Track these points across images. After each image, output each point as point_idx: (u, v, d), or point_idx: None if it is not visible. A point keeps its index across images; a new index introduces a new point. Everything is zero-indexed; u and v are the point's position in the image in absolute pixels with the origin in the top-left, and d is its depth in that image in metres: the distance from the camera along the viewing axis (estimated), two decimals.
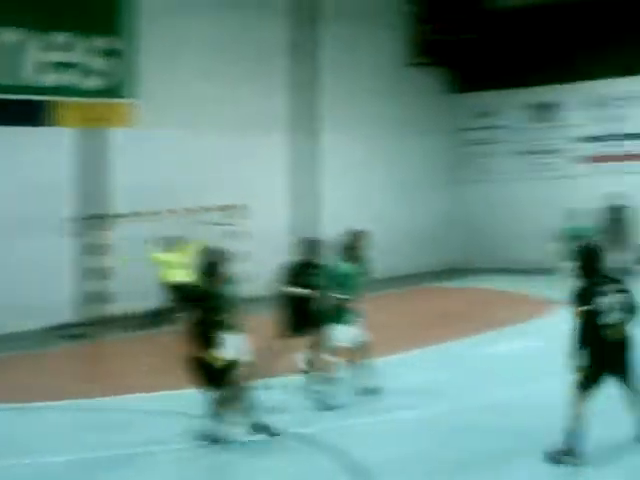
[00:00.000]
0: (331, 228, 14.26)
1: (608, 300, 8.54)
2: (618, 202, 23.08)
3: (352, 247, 11.64)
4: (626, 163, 25.57)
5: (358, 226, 12.16)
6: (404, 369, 13.21)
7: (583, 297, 8.61)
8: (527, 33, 26.68)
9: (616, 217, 23.12)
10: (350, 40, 24.85)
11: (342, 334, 11.16)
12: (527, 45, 26.70)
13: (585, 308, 8.52)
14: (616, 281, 8.79)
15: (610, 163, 25.85)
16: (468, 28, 26.57)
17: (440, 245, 27.07)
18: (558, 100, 26.67)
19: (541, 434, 9.10)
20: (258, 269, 15.09)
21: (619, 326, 8.58)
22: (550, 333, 15.60)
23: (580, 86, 26.05)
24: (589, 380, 8.59)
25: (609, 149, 25.96)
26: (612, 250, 20.09)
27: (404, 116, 26.60)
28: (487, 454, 8.94)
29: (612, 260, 17.69)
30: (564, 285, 19.52)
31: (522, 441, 9.22)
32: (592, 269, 8.77)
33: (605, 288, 8.59)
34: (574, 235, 19.57)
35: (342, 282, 11.27)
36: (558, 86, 26.42)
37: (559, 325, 15.78)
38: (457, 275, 25.78)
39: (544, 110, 27.07)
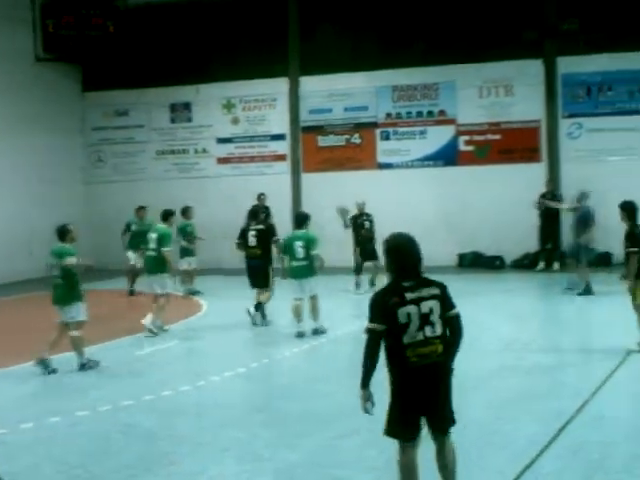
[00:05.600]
0: None
1: (410, 311, 6.31)
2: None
3: None
4: (267, 163, 26.39)
5: None
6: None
7: (379, 307, 6.38)
8: (162, 31, 26.54)
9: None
10: None
11: None
12: (162, 43, 26.58)
13: (372, 326, 6.38)
14: (428, 283, 6.49)
15: (249, 163, 26.54)
16: (97, 24, 25.93)
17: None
18: (194, 100, 26.90)
19: (195, 437, 9.07)
20: None
21: (429, 345, 6.31)
22: (199, 334, 15.69)
23: (217, 86, 26.47)
24: (396, 425, 6.42)
25: (247, 150, 26.60)
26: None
27: (32, 113, 25.43)
28: (144, 459, 8.51)
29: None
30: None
31: (176, 443, 8.97)
32: (399, 268, 6.49)
33: (410, 294, 6.34)
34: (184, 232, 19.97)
35: None
36: (192, 86, 26.68)
37: (208, 325, 16.34)
38: (93, 277, 24.99)
39: (181, 110, 27.16)
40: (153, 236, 15.86)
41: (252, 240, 16.07)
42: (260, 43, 25.94)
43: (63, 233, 12.81)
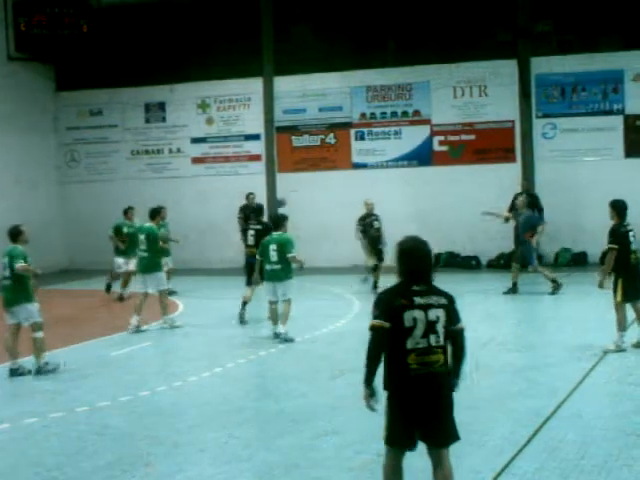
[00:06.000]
0: None
1: (417, 316, 6.13)
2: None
3: None
4: (242, 163, 26.34)
5: None
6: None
7: (385, 306, 6.18)
8: (137, 30, 26.42)
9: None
10: None
11: None
12: (137, 43, 26.46)
13: (378, 322, 6.14)
14: (437, 292, 6.33)
15: (224, 163, 26.46)
16: (71, 23, 25.77)
17: (45, 246, 26.06)
18: (169, 100, 26.78)
19: (172, 438, 9.05)
20: None
21: (433, 354, 6.14)
22: (174, 334, 15.66)
23: (189, 86, 26.39)
24: (393, 433, 6.24)
25: (222, 150, 26.53)
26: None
27: (5, 112, 25.32)
28: (121, 460, 8.43)
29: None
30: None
31: (152, 444, 8.92)
32: (411, 271, 6.28)
33: (419, 299, 6.16)
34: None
35: None
36: (166, 86, 26.58)
37: (184, 325, 16.27)
38: (67, 278, 24.96)
39: (155, 110, 27.04)
40: (142, 237, 16.22)
41: (251, 239, 16.35)
42: (234, 43, 25.89)
43: (15, 234, 12.53)
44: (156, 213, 16.60)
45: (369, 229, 19.76)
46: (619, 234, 12.53)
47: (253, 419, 9.79)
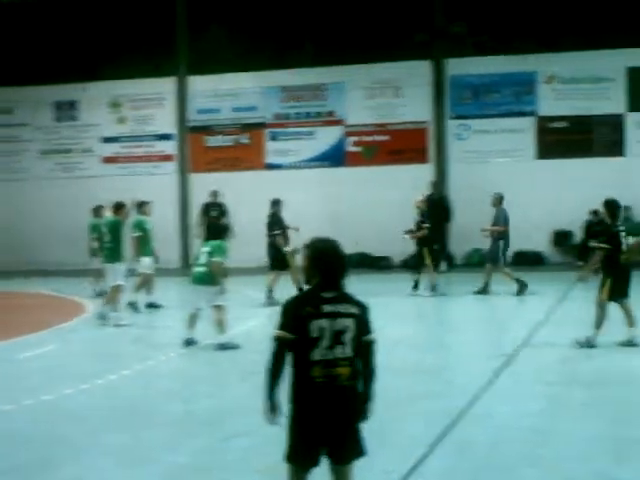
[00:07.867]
0: None
1: (324, 325, 5.62)
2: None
3: None
4: (154, 163, 26.02)
5: None
6: None
7: (291, 315, 5.71)
8: (48, 27, 25.99)
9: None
10: None
11: None
12: (48, 40, 26.03)
13: (281, 333, 5.67)
14: (348, 300, 5.77)
15: (136, 163, 26.13)
16: None
17: None
18: (80, 99, 26.37)
19: (77, 442, 8.88)
20: None
21: (339, 367, 5.65)
22: (84, 335, 15.39)
23: (102, 85, 26.03)
24: (295, 449, 5.77)
25: (134, 149, 26.21)
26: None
27: None
28: (24, 465, 8.17)
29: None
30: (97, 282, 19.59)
31: (57, 448, 8.69)
32: (325, 277, 5.76)
33: (327, 307, 5.65)
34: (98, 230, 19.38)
35: None
36: (78, 84, 26.19)
37: (90, 326, 16.00)
38: None
39: (66, 109, 26.59)
40: (105, 230, 16.99)
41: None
42: (148, 42, 25.64)
43: None
44: (143, 204, 17.63)
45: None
46: (611, 234, 12.58)
47: (161, 421, 9.59)
